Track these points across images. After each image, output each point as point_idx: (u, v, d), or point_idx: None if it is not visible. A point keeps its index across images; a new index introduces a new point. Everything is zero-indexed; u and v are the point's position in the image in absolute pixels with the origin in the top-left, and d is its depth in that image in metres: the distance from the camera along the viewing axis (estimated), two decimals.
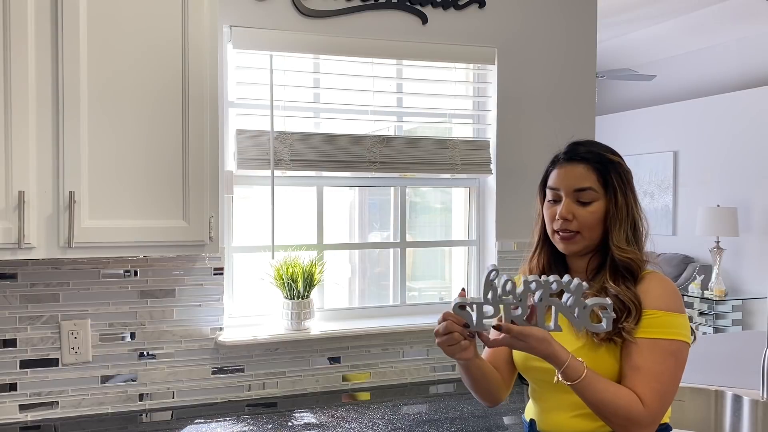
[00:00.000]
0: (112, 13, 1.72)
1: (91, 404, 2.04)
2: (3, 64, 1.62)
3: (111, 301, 2.04)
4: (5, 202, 1.63)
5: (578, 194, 1.39)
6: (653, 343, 1.31)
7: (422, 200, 2.70)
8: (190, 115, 1.80)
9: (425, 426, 1.97)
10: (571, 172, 1.41)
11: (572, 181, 1.40)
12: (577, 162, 1.41)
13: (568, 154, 1.44)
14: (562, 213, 1.40)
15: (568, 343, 1.35)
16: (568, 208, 1.40)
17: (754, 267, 5.76)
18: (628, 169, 1.43)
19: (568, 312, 1.25)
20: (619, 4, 5.17)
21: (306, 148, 2.25)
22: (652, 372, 1.29)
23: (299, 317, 2.20)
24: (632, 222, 1.40)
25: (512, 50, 2.50)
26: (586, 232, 1.39)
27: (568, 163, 1.42)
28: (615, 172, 1.40)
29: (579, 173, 1.40)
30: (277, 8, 2.19)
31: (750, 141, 5.69)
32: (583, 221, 1.39)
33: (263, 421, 2.01)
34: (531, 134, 2.53)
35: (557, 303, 1.25)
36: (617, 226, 1.38)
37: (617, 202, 1.38)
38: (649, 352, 1.30)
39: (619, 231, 1.38)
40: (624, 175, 1.41)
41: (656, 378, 1.29)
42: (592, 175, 1.39)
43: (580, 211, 1.39)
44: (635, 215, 1.40)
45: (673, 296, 1.35)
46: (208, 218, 1.83)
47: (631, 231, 1.39)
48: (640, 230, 1.41)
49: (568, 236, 1.40)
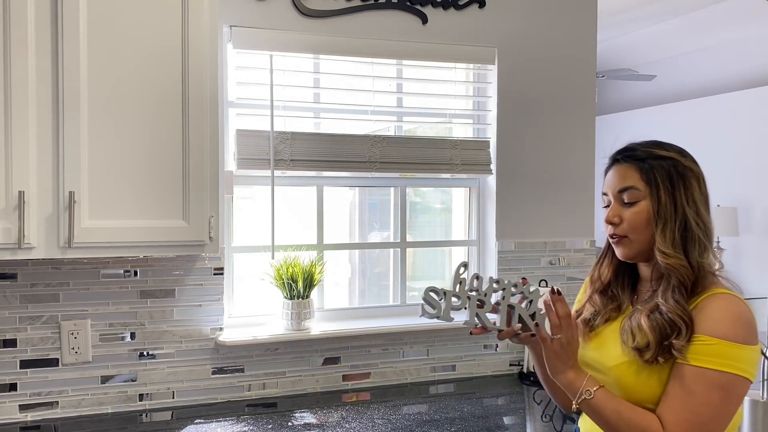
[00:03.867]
0: (112, 13, 1.72)
1: (91, 404, 2.04)
2: (3, 64, 1.62)
3: (111, 301, 2.04)
4: (5, 202, 1.63)
5: (621, 195, 1.32)
6: (699, 372, 1.18)
7: (422, 200, 2.70)
8: (191, 115, 1.80)
9: (425, 426, 1.97)
10: (615, 173, 1.35)
11: (616, 183, 1.33)
12: (621, 162, 1.34)
13: (614, 156, 1.38)
14: (607, 217, 1.34)
15: (614, 357, 1.30)
16: (614, 211, 1.33)
17: (754, 267, 5.76)
18: (688, 166, 1.31)
19: (526, 315, 1.31)
20: (619, 4, 5.16)
21: (306, 148, 2.25)
22: (688, 402, 1.18)
23: (299, 317, 2.20)
24: (682, 223, 1.27)
25: (512, 50, 2.50)
26: (633, 235, 1.31)
27: (613, 165, 1.36)
28: (662, 168, 1.29)
29: (622, 173, 1.33)
30: (277, 8, 2.19)
31: (750, 141, 5.69)
32: (628, 223, 1.31)
33: (263, 421, 2.01)
34: (531, 134, 2.53)
35: (519, 307, 1.32)
36: (661, 227, 1.27)
37: (660, 199, 1.28)
38: (692, 380, 1.18)
39: (663, 233, 1.27)
40: (677, 171, 1.29)
41: (692, 409, 1.17)
42: (635, 173, 1.31)
43: (626, 212, 1.31)
44: (687, 216, 1.27)
45: (738, 324, 1.19)
46: (208, 218, 1.83)
47: (680, 234, 1.27)
48: (694, 234, 1.27)
49: (617, 240, 1.34)
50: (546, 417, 2.08)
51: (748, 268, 5.80)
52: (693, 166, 1.32)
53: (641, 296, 1.37)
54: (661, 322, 1.23)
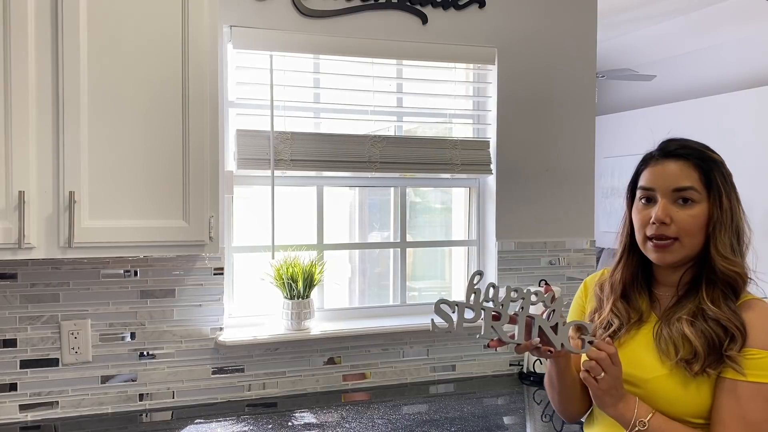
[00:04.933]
0: (112, 13, 1.72)
1: (91, 404, 2.04)
2: (3, 63, 1.62)
3: (111, 301, 2.04)
4: (5, 202, 1.63)
5: (678, 194, 1.22)
6: (756, 388, 1.14)
7: (422, 200, 2.70)
8: (191, 115, 1.80)
9: (425, 426, 1.97)
10: (668, 169, 1.23)
11: (671, 180, 1.23)
12: (676, 159, 1.24)
13: (664, 150, 1.27)
14: (658, 215, 1.22)
15: (650, 369, 1.24)
16: (666, 210, 1.22)
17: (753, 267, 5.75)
18: (730, 172, 1.26)
19: (547, 327, 1.20)
20: (619, 4, 5.16)
21: (306, 148, 2.25)
22: (747, 419, 1.13)
23: (299, 317, 2.20)
24: (737, 230, 1.23)
25: (512, 50, 2.50)
26: (686, 239, 1.22)
27: (665, 160, 1.25)
28: (719, 171, 1.23)
29: (679, 171, 1.23)
30: (277, 8, 2.19)
31: (750, 141, 5.69)
32: (682, 226, 1.21)
33: (263, 421, 2.01)
34: (531, 134, 2.53)
35: (539, 318, 1.21)
36: (722, 232, 1.21)
37: (722, 204, 1.21)
38: (749, 396, 1.14)
39: (723, 238, 1.21)
40: (727, 176, 1.25)
41: (753, 428, 1.14)
42: (694, 173, 1.22)
43: (680, 214, 1.22)
44: (739, 222, 1.24)
45: None
46: (208, 218, 1.83)
47: (735, 240, 1.22)
48: (744, 240, 1.24)
49: (664, 244, 1.23)
50: (546, 417, 2.08)
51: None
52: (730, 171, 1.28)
53: (662, 302, 1.31)
54: (708, 330, 1.18)
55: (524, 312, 1.21)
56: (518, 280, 2.53)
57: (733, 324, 1.17)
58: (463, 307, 1.19)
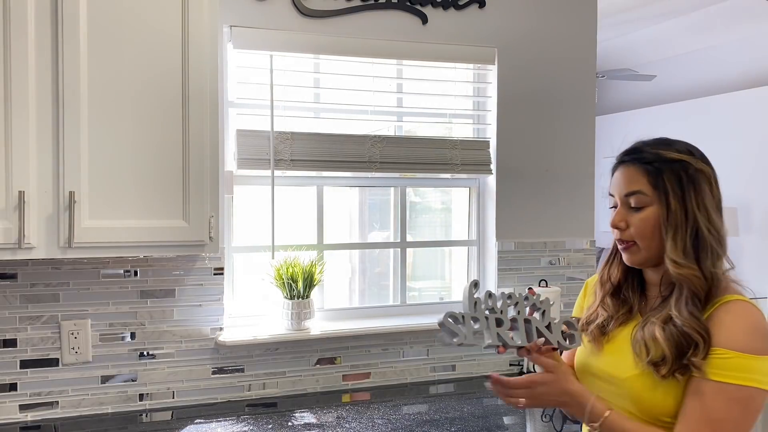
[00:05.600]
0: (112, 13, 1.72)
1: (91, 404, 2.04)
2: (3, 63, 1.62)
3: (111, 301, 2.04)
4: (5, 202, 1.63)
5: (628, 199, 1.27)
6: (718, 387, 1.14)
7: (422, 200, 2.70)
8: (191, 115, 1.80)
9: (425, 426, 1.97)
10: (622, 175, 1.29)
11: (622, 186, 1.28)
12: (627, 164, 1.28)
13: (618, 157, 1.31)
14: (613, 221, 1.29)
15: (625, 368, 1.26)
16: (620, 216, 1.28)
17: (754, 267, 5.76)
18: (699, 168, 1.24)
19: (543, 327, 1.26)
20: (619, 4, 5.16)
21: (306, 148, 2.25)
22: (708, 418, 1.14)
23: (299, 317, 2.20)
24: (694, 231, 1.21)
25: (512, 50, 2.50)
26: (642, 242, 1.26)
27: (619, 166, 1.30)
28: (673, 171, 1.23)
29: (628, 176, 1.27)
30: (277, 8, 2.19)
31: (750, 141, 5.69)
32: (636, 229, 1.26)
33: (263, 421, 2.01)
34: (531, 134, 2.53)
35: (534, 319, 1.26)
36: (671, 234, 1.22)
37: (669, 205, 1.22)
38: (711, 395, 1.14)
39: (674, 241, 1.22)
40: (687, 174, 1.23)
41: (713, 426, 1.14)
42: (642, 176, 1.25)
43: (633, 218, 1.26)
44: (699, 223, 1.21)
45: (755, 334, 1.15)
46: (208, 218, 1.83)
47: (691, 242, 1.21)
48: (706, 242, 1.21)
49: (625, 246, 1.29)
50: (546, 417, 2.08)
51: (748, 268, 5.80)
52: (704, 168, 1.25)
53: (650, 302, 1.33)
54: (676, 335, 1.18)
55: (521, 315, 1.26)
56: (518, 280, 2.53)
57: (695, 330, 1.17)
58: (469, 317, 1.21)
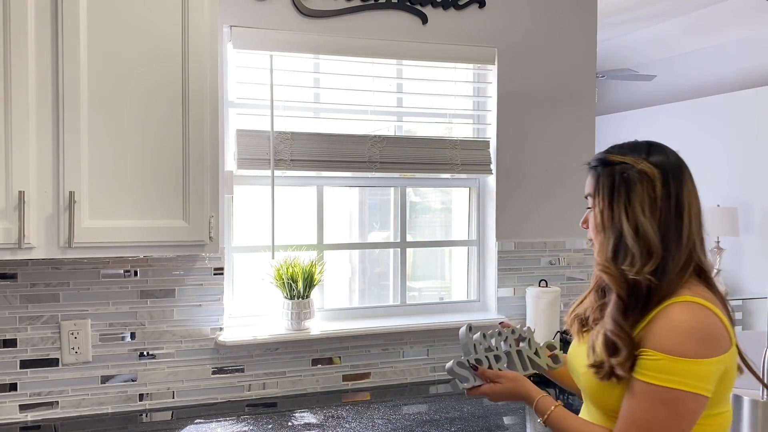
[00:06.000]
0: (112, 13, 1.72)
1: (91, 404, 2.04)
2: (3, 63, 1.62)
3: (111, 301, 2.04)
4: (5, 202, 1.63)
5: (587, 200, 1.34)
6: (645, 387, 1.16)
7: (422, 200, 2.70)
8: (191, 115, 1.80)
9: (425, 426, 1.97)
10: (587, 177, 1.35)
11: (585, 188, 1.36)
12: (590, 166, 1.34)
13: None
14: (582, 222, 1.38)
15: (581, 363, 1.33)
16: (585, 215, 1.35)
17: (754, 267, 5.76)
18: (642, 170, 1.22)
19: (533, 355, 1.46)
20: (619, 4, 5.16)
21: (306, 148, 2.25)
22: (636, 417, 1.17)
23: (299, 317, 2.20)
24: (618, 235, 1.22)
25: (512, 50, 2.50)
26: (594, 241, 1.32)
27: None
28: (608, 175, 1.25)
29: (588, 178, 1.33)
30: (277, 8, 2.19)
31: (750, 141, 5.69)
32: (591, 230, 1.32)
33: (263, 421, 2.01)
34: (531, 134, 2.53)
35: (524, 348, 1.47)
36: (599, 237, 1.27)
37: (600, 208, 1.26)
38: (640, 395, 1.17)
39: (601, 243, 1.26)
40: (622, 178, 1.23)
41: (637, 425, 1.17)
42: (591, 180, 1.31)
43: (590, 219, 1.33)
44: (623, 228, 1.21)
45: (687, 337, 1.14)
46: (208, 218, 1.83)
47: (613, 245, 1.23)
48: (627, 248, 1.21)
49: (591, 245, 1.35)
50: None
51: (748, 268, 5.80)
52: (649, 170, 1.22)
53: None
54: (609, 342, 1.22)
55: (513, 348, 1.46)
56: (518, 280, 2.53)
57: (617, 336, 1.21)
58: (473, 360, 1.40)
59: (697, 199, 1.26)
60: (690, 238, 1.23)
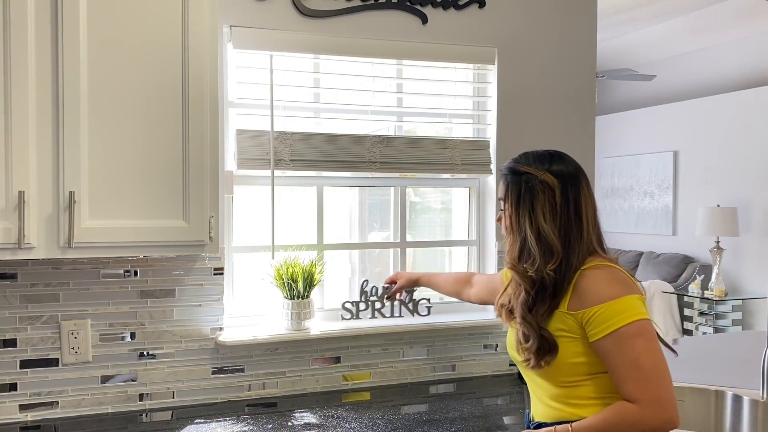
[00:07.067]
0: (112, 13, 1.72)
1: (91, 404, 2.04)
2: (3, 63, 1.62)
3: (111, 301, 2.04)
4: (5, 202, 1.63)
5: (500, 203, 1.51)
6: (612, 338, 1.29)
7: (422, 200, 2.70)
8: (190, 115, 1.80)
9: (425, 426, 1.97)
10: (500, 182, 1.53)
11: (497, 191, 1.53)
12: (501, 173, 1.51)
13: None
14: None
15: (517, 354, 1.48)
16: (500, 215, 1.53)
17: (754, 267, 5.76)
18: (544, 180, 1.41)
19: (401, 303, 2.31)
20: (619, 4, 5.17)
21: (306, 148, 2.25)
22: (628, 364, 1.28)
23: (299, 317, 2.20)
24: (523, 239, 1.41)
25: (512, 50, 2.50)
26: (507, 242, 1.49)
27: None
28: (516, 183, 1.43)
29: (500, 184, 1.51)
30: (277, 8, 2.19)
31: (750, 141, 5.69)
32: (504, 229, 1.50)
33: (263, 421, 2.01)
34: (531, 134, 2.53)
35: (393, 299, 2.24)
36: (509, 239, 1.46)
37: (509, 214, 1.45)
38: (615, 347, 1.29)
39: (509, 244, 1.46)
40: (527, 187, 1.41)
41: (635, 367, 1.27)
42: (502, 186, 1.49)
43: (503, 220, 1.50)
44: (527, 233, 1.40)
45: (608, 284, 1.33)
46: (208, 218, 1.83)
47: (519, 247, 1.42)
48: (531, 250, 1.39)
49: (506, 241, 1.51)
50: None
51: (748, 268, 5.81)
52: (550, 180, 1.40)
53: None
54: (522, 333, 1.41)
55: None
56: None
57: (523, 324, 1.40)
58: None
59: (593, 201, 1.45)
60: (588, 235, 1.40)
